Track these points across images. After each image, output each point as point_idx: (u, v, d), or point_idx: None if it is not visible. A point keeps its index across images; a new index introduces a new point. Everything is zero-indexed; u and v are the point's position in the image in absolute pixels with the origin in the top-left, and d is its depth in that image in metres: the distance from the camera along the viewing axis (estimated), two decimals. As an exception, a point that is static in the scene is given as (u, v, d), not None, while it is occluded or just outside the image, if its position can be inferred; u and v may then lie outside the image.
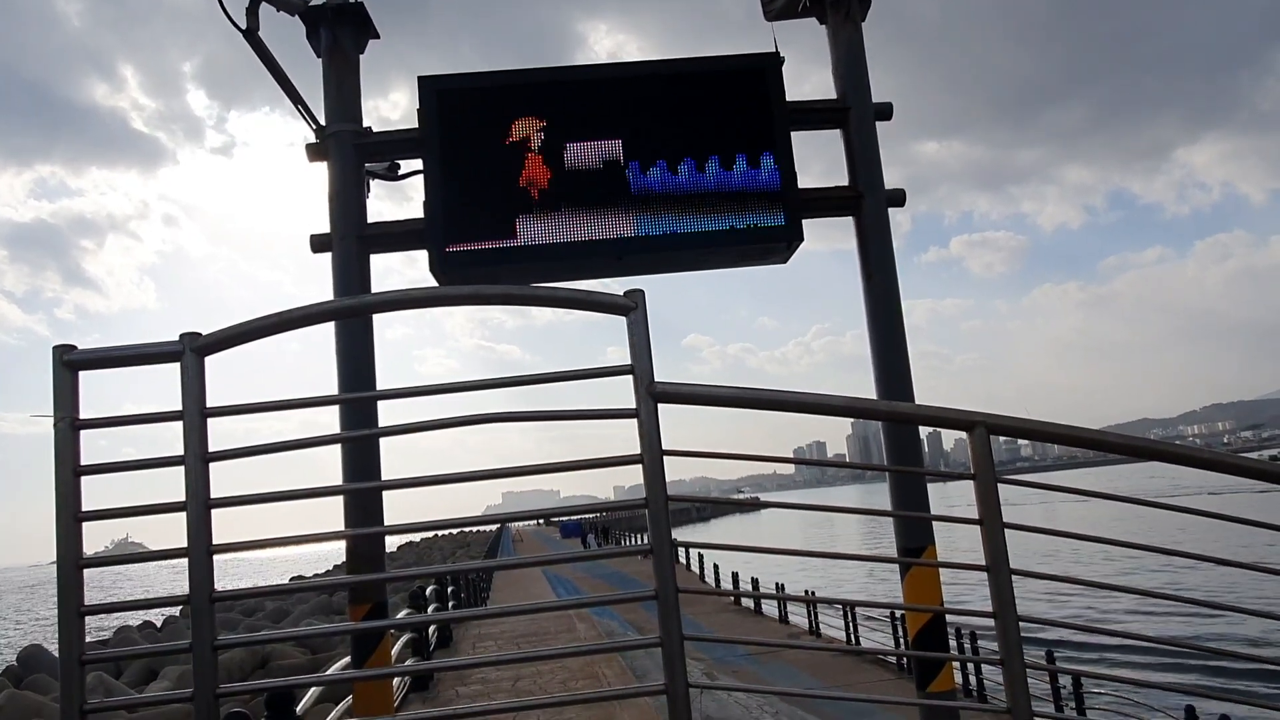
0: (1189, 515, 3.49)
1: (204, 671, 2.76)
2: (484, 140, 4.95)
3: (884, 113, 5.34)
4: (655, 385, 2.88)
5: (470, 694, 9.89)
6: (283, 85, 4.58)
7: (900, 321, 5.15)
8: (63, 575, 2.81)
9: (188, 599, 2.82)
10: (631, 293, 2.92)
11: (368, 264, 5.03)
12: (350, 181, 5.00)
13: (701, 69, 5.11)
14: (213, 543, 2.83)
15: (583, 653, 3.97)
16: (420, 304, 3.30)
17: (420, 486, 3.21)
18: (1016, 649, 3.02)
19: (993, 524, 3.08)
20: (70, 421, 2.85)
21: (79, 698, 2.76)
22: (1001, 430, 3.16)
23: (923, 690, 4.71)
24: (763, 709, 10.16)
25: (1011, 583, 3.06)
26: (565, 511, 42.85)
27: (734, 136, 5.06)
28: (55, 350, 2.90)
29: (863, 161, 5.28)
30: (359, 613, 4.51)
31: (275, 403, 3.09)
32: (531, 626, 15.88)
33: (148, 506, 2.98)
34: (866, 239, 5.22)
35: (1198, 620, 21.64)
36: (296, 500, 3.13)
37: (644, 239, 4.94)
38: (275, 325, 3.00)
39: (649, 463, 2.87)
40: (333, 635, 9.63)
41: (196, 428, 2.86)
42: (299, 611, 29.57)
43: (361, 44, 5.20)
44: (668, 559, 2.88)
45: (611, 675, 10.11)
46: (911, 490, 4.91)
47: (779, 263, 5.35)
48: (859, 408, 3.28)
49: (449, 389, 3.08)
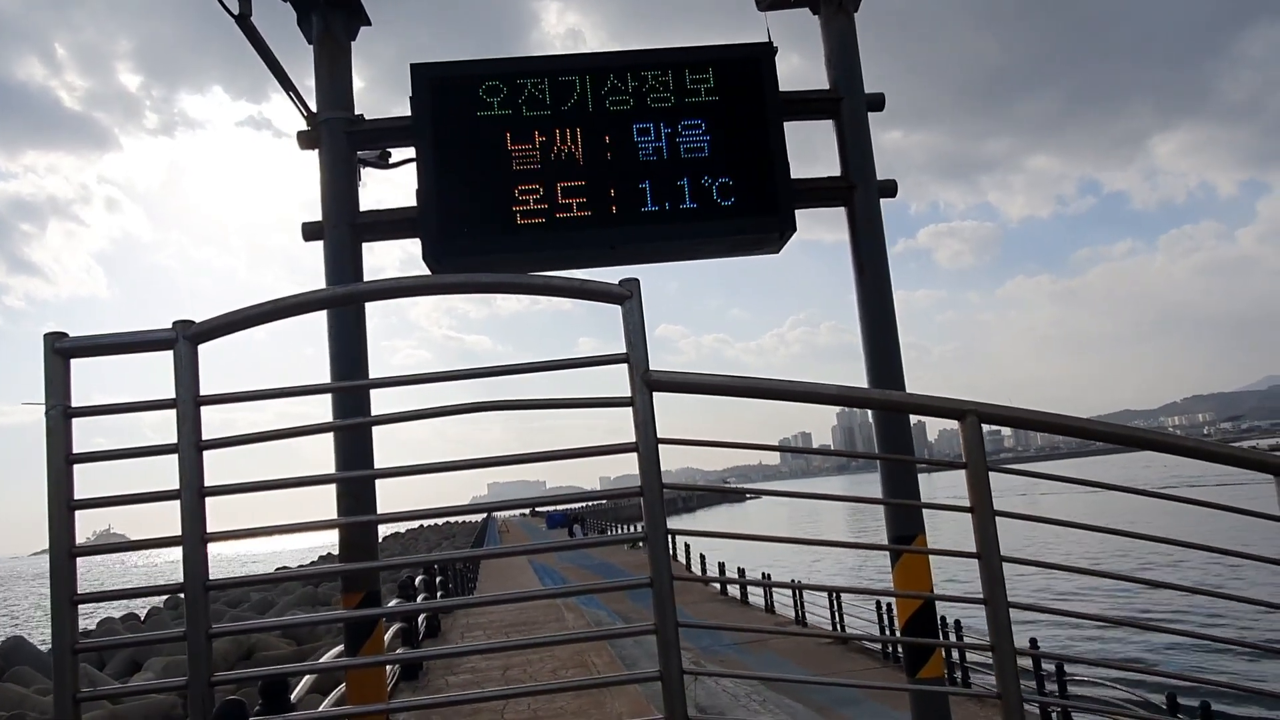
0: (1188, 506, 3.53)
1: (199, 660, 2.75)
2: (476, 128, 4.93)
3: (876, 103, 5.36)
4: (651, 374, 2.89)
5: (460, 683, 9.91)
6: (274, 71, 4.56)
7: (892, 311, 5.18)
8: (55, 564, 2.79)
9: (182, 587, 2.81)
10: (626, 281, 2.93)
11: (360, 252, 5.02)
12: (342, 169, 4.98)
13: (696, 58, 5.10)
14: (207, 531, 2.83)
15: (578, 639, 3.98)
16: (415, 292, 3.29)
17: (414, 475, 3.21)
18: (1006, 634, 3.06)
19: (984, 511, 3.11)
20: (62, 410, 2.83)
21: (72, 686, 2.74)
22: (993, 419, 3.20)
23: (913, 676, 4.75)
24: (750, 697, 10.23)
25: (1002, 569, 3.10)
26: (559, 500, 42.61)
27: (727, 126, 5.06)
28: (46, 338, 2.87)
29: (855, 152, 5.29)
30: (352, 601, 4.51)
31: (268, 391, 3.08)
32: (520, 616, 15.92)
33: (141, 495, 2.96)
34: (858, 230, 5.23)
35: (1189, 607, 21.92)
36: (289, 489, 3.12)
37: (637, 229, 4.94)
38: (269, 313, 2.99)
39: (644, 451, 2.88)
40: (328, 624, 9.65)
41: (190, 416, 2.85)
42: (284, 602, 29.50)
43: (353, 30, 5.17)
44: (663, 547, 2.90)
45: (601, 664, 10.16)
46: (902, 479, 4.95)
47: (771, 253, 5.36)
48: (853, 396, 3.30)
49: (441, 377, 3.08)
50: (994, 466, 3.18)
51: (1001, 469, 3.35)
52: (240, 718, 3.15)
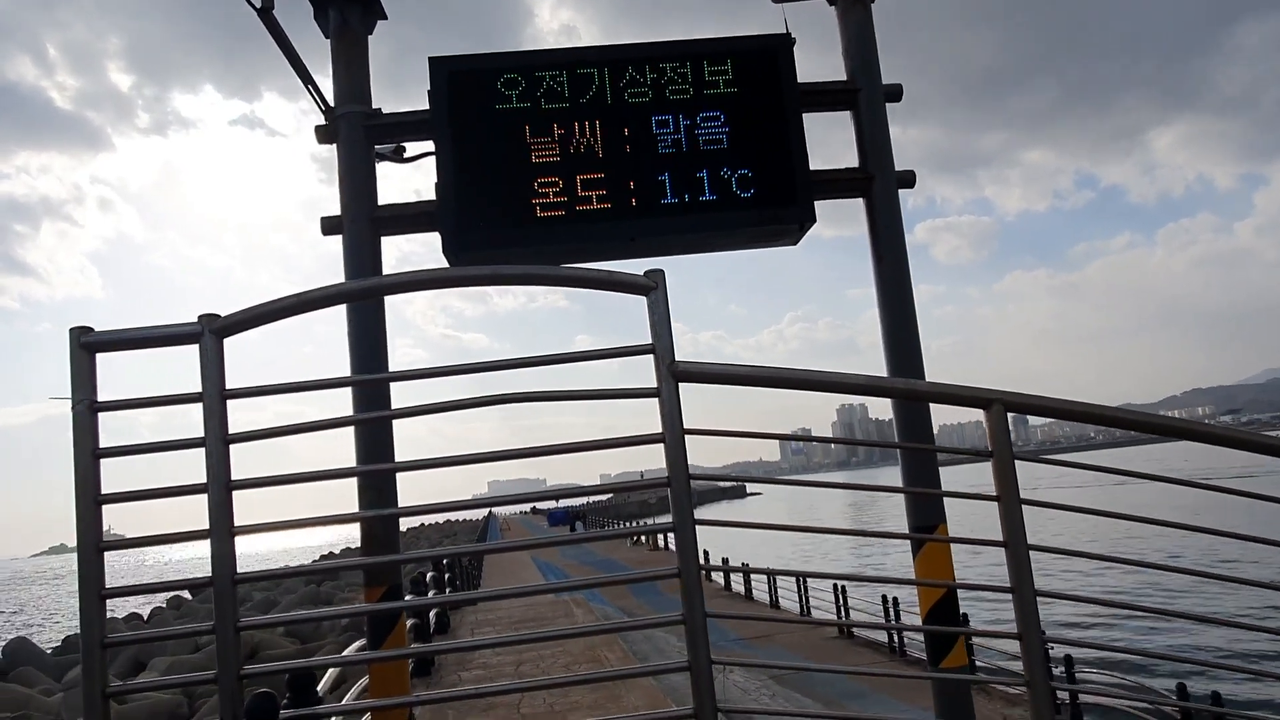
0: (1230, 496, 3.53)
1: (227, 652, 2.75)
2: (495, 121, 4.92)
3: (894, 94, 5.34)
4: (677, 364, 2.89)
5: (472, 678, 9.91)
6: (294, 65, 4.55)
7: (911, 302, 5.18)
8: (83, 558, 2.79)
9: (210, 581, 2.81)
10: (652, 272, 2.93)
11: (379, 246, 5.02)
12: (360, 163, 4.97)
13: (714, 50, 5.08)
14: (234, 524, 2.83)
15: (603, 631, 4.01)
16: (438, 284, 3.28)
17: (435, 468, 3.22)
18: (1034, 623, 3.06)
19: (1010, 501, 3.11)
20: (88, 404, 2.83)
21: (101, 680, 2.74)
22: (1018, 407, 3.19)
23: (935, 666, 4.75)
24: (760, 691, 10.24)
25: (1029, 559, 3.10)
26: (581, 493, 42.64)
27: (746, 118, 5.05)
28: (72, 332, 2.87)
29: (873, 143, 5.29)
30: (374, 595, 4.51)
31: (293, 384, 3.08)
32: (529, 612, 15.93)
33: (168, 489, 2.96)
34: (877, 221, 5.23)
35: (1220, 597, 21.94)
36: (307, 483, 3.12)
37: (656, 221, 4.93)
38: (294, 307, 2.98)
39: (671, 442, 2.88)
40: (352, 616, 9.70)
41: (216, 410, 2.85)
42: (287, 601, 29.57)
43: (370, 24, 5.17)
44: (690, 538, 2.90)
45: (614, 659, 10.16)
46: (924, 469, 4.93)
47: (789, 244, 5.35)
48: (878, 385, 3.30)
49: (468, 369, 3.07)
50: (1020, 455, 3.17)
51: (1028, 458, 3.35)
52: (272, 711, 3.14)
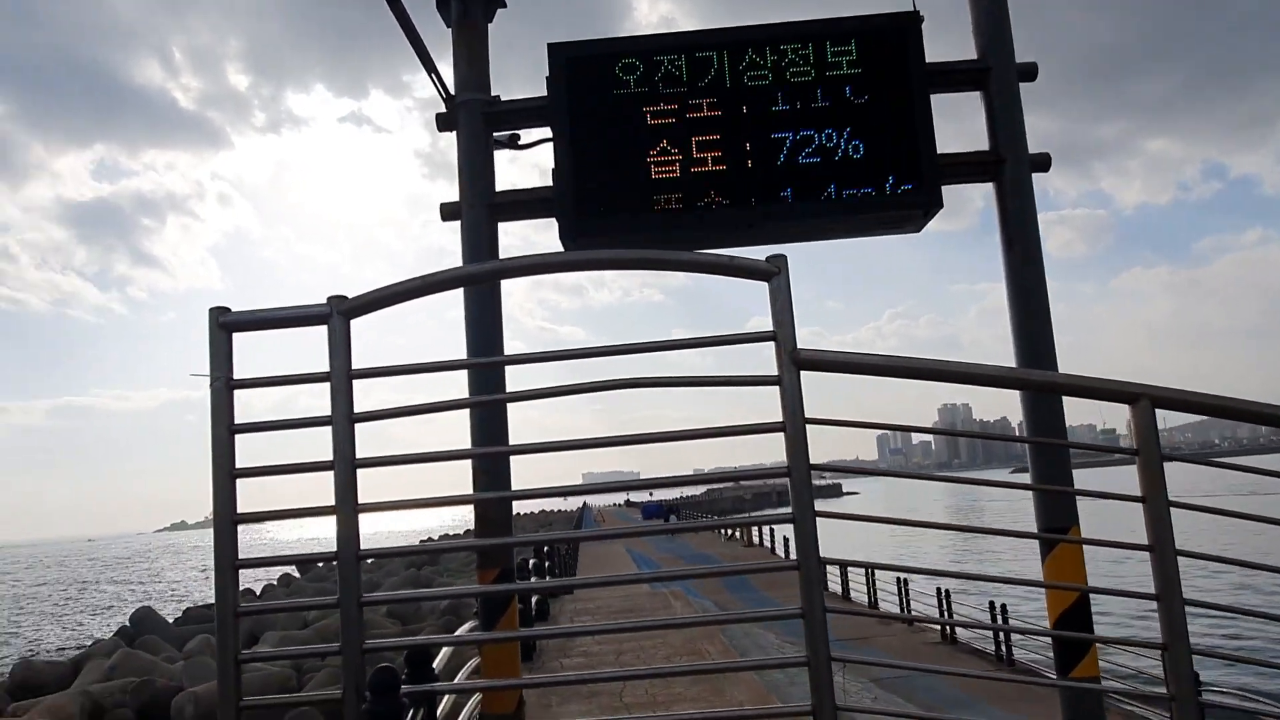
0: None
1: (351, 626, 2.81)
2: (613, 108, 4.90)
3: (1028, 73, 5.06)
4: (799, 352, 2.80)
5: (573, 665, 10.02)
6: (419, 54, 4.63)
7: (1044, 291, 4.91)
8: (219, 529, 2.90)
9: (335, 555, 2.87)
10: (774, 258, 2.84)
11: (496, 231, 5.07)
12: (479, 150, 5.03)
13: (837, 30, 4.92)
14: (359, 501, 2.89)
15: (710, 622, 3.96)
16: (558, 268, 3.28)
17: (550, 452, 3.22)
18: (1182, 633, 2.86)
19: (1156, 502, 2.91)
20: (225, 381, 2.93)
21: (234, 648, 2.84)
22: (1169, 403, 2.98)
23: (1064, 675, 4.51)
24: (862, 693, 10.03)
25: (1177, 564, 2.90)
26: (700, 481, 42.60)
27: (870, 100, 4.88)
28: (212, 312, 2.98)
29: (1004, 124, 5.03)
30: (488, 577, 4.56)
31: (414, 365, 3.13)
32: (626, 604, 16.03)
33: (297, 465, 3.05)
34: (1007, 206, 4.98)
35: None
36: (427, 463, 3.17)
37: (776, 208, 4.82)
38: (419, 288, 3.03)
39: (791, 431, 2.80)
40: (471, 596, 10.05)
41: (344, 390, 2.91)
42: (389, 583, 30.67)
43: (490, 13, 5.23)
44: (811, 529, 2.81)
45: (715, 651, 10.10)
46: (1056, 467, 4.68)
47: (913, 231, 5.16)
48: (1013, 377, 3.14)
49: (579, 354, 3.07)
50: (1169, 456, 2.97)
51: (1179, 458, 3.14)
52: (394, 685, 3.21)
